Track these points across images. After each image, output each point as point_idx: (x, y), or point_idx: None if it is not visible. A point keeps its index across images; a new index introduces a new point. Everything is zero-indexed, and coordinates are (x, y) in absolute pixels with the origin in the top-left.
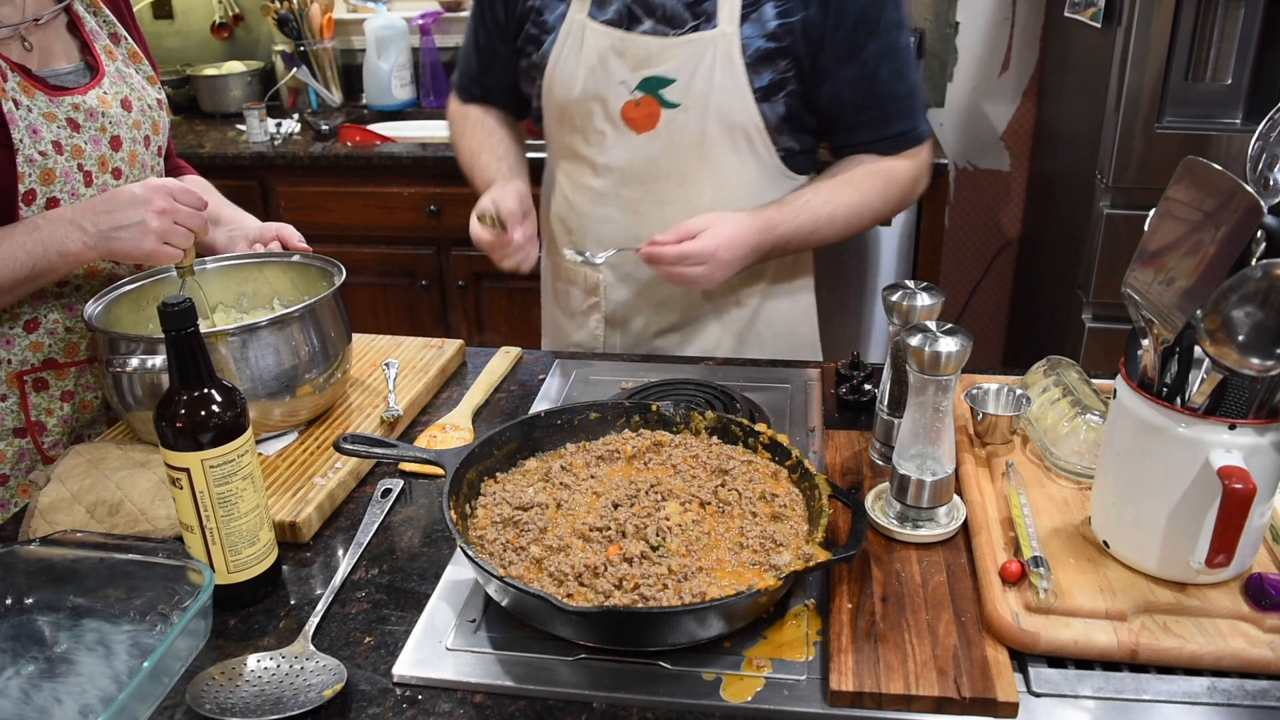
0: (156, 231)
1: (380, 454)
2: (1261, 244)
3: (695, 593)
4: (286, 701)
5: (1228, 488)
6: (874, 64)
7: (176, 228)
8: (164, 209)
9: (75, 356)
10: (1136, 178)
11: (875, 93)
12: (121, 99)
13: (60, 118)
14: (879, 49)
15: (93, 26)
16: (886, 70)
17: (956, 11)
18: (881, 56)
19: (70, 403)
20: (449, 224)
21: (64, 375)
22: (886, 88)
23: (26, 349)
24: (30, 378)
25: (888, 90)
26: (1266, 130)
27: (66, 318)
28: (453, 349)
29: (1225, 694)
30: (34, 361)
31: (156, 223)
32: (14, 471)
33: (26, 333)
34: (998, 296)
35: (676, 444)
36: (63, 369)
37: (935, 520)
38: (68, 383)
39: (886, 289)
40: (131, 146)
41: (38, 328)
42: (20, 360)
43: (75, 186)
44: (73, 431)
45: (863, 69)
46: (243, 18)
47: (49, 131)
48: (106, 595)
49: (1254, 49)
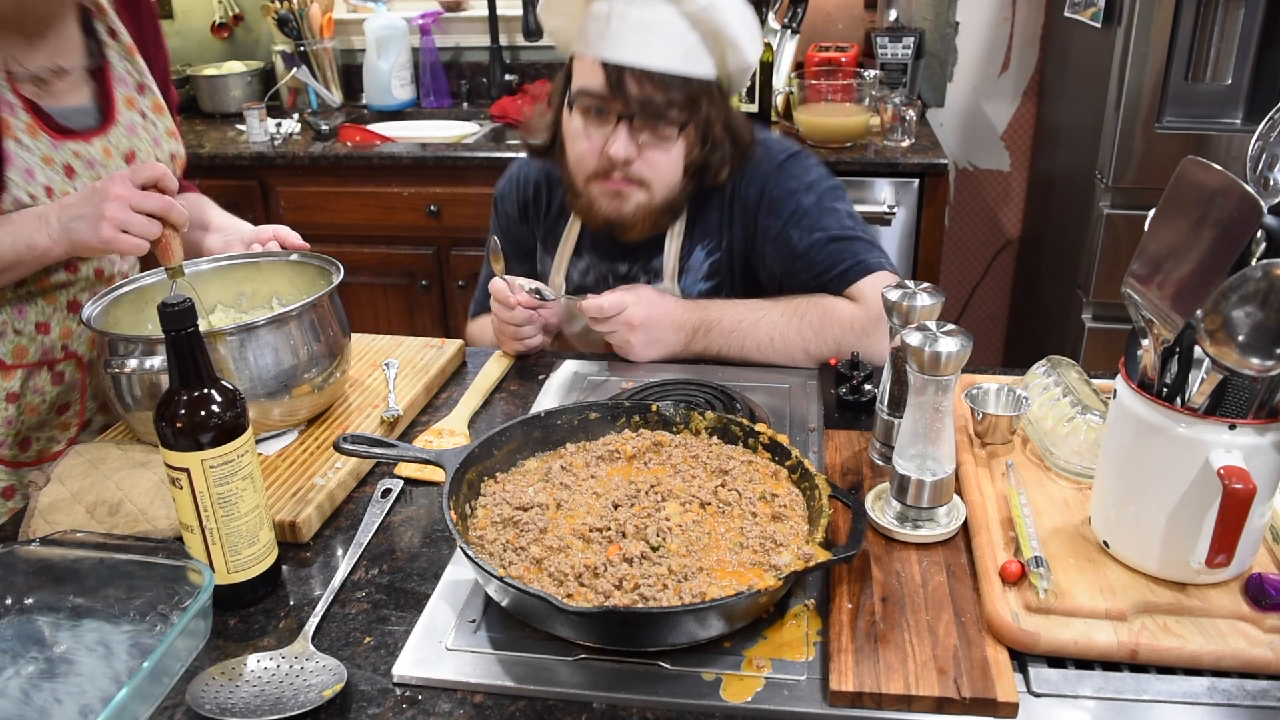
0: (111, 218)
1: (380, 454)
2: (1261, 244)
3: (695, 593)
4: (286, 701)
5: (1228, 488)
6: (784, 234)
7: (134, 215)
8: (118, 195)
9: (24, 359)
10: (1136, 178)
11: (795, 254)
12: (126, 153)
13: (58, 163)
14: (786, 218)
15: (120, 73)
16: (796, 234)
17: (956, 11)
18: (788, 224)
19: (16, 404)
20: (449, 224)
21: (10, 376)
22: (803, 245)
23: None
24: None
25: (805, 247)
26: (1266, 130)
27: (16, 319)
28: (452, 349)
29: (1225, 694)
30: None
31: (110, 209)
32: None
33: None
34: (998, 296)
35: (676, 444)
36: (9, 370)
37: (935, 520)
38: (13, 384)
39: (886, 289)
40: None
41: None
42: None
43: None
44: (19, 434)
45: (777, 244)
46: (243, 18)
47: (43, 175)
48: (106, 595)
49: (1254, 49)
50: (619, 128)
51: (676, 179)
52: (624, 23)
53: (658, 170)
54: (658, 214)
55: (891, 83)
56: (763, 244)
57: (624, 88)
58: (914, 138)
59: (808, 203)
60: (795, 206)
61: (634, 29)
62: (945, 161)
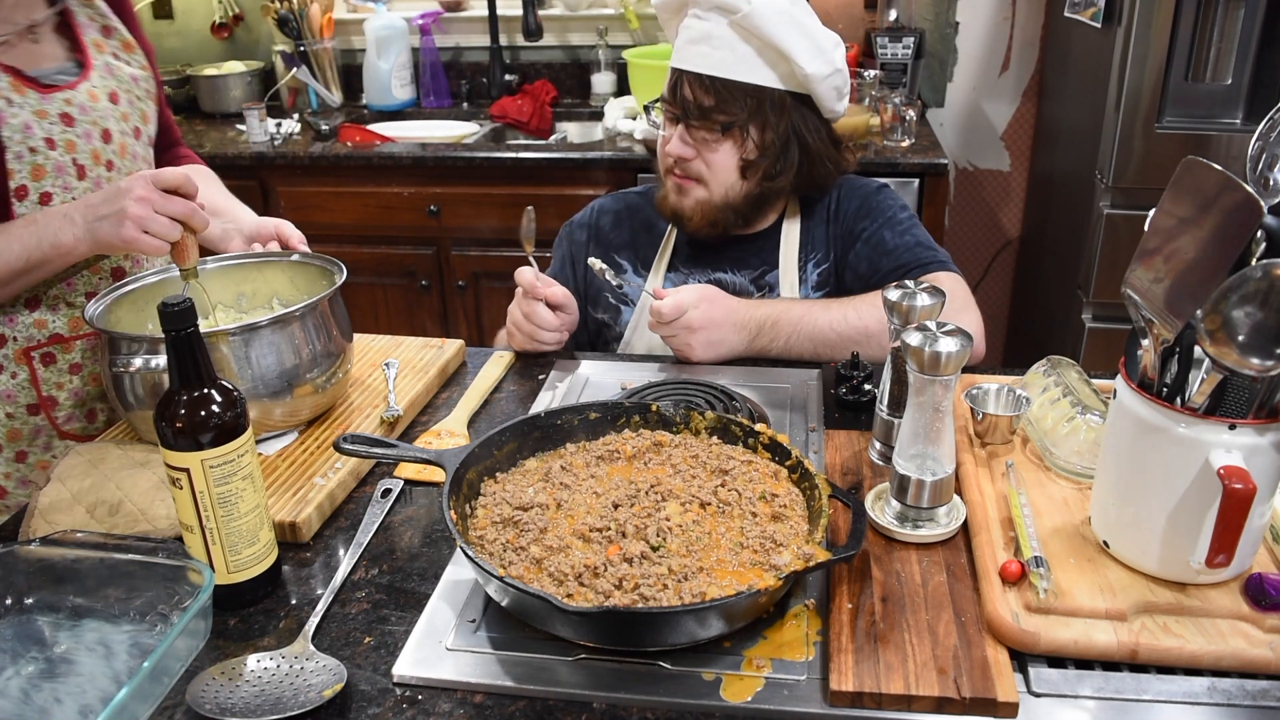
0: (134, 218)
1: (380, 454)
2: (1261, 244)
3: (695, 593)
4: (286, 701)
5: (1228, 488)
6: (879, 234)
7: (156, 216)
8: (142, 196)
9: (80, 330)
10: (1136, 178)
11: (885, 250)
12: (109, 92)
13: (53, 114)
14: (883, 222)
15: (83, 20)
16: (889, 234)
17: (956, 11)
18: (883, 227)
19: (79, 375)
20: (449, 224)
21: (70, 349)
22: (893, 243)
23: (31, 326)
24: (37, 353)
25: (894, 245)
26: (1266, 130)
27: (66, 292)
28: (453, 349)
29: (1225, 694)
30: (40, 338)
31: (134, 209)
32: (31, 448)
33: (29, 310)
34: (998, 296)
35: (676, 444)
36: (68, 343)
37: (935, 520)
38: (74, 356)
39: (886, 289)
40: (122, 139)
41: (39, 305)
42: (26, 337)
43: (68, 180)
44: (84, 404)
45: (870, 244)
46: (243, 18)
47: (41, 128)
48: (106, 595)
49: (1254, 49)
50: (676, 128)
51: (732, 178)
52: (687, 34)
53: (712, 169)
54: (716, 210)
55: (891, 83)
56: (856, 244)
57: (679, 92)
58: (914, 138)
59: (903, 215)
60: (891, 215)
61: (693, 40)
62: (945, 161)
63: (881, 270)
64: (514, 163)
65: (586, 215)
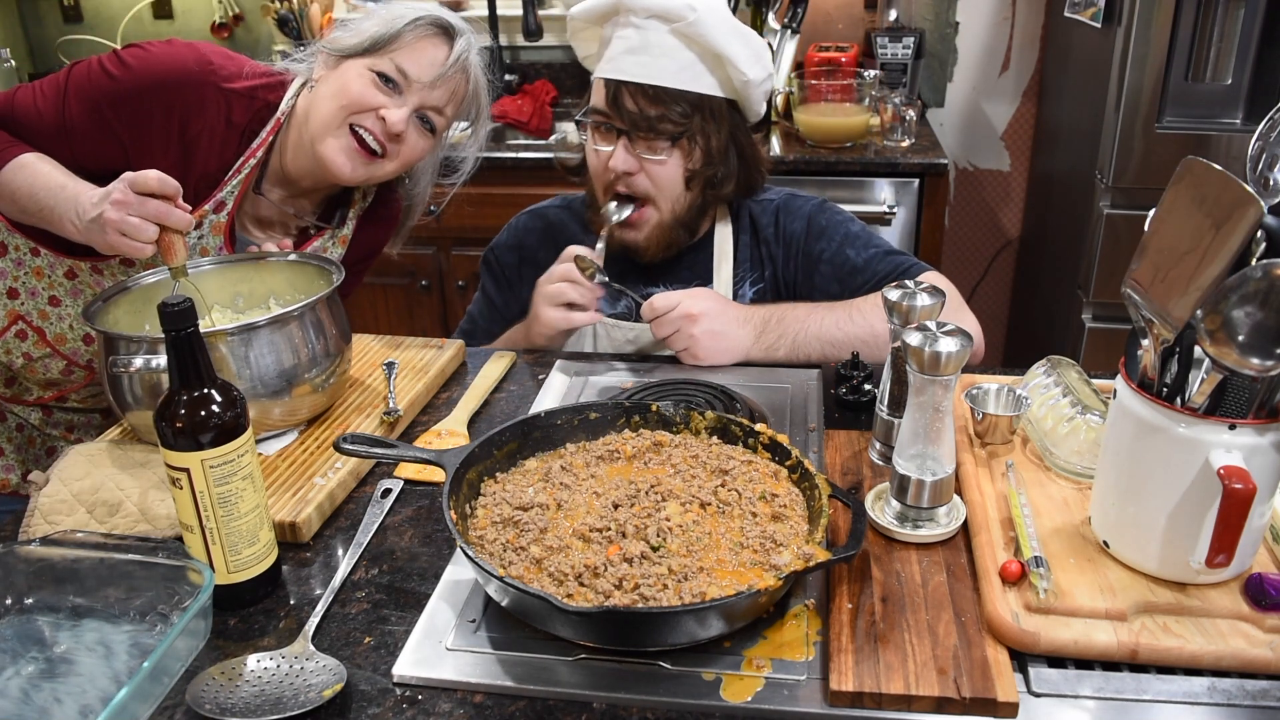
0: (109, 222)
1: (380, 454)
2: (1261, 244)
3: (695, 593)
4: (286, 701)
5: (1228, 488)
6: (840, 253)
7: (130, 219)
8: (117, 200)
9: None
10: (1136, 178)
11: (855, 268)
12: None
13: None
14: (840, 240)
15: (315, 247)
16: (852, 252)
17: (956, 11)
18: (843, 245)
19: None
20: (449, 224)
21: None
22: (861, 259)
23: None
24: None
25: (864, 261)
26: (1266, 130)
27: (91, 280)
28: (453, 349)
29: (1225, 694)
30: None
31: (110, 213)
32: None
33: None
34: (998, 296)
35: (676, 444)
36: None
37: (935, 520)
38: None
39: (886, 289)
40: None
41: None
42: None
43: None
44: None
45: (833, 264)
46: (243, 18)
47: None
48: (106, 595)
49: (1254, 49)
50: (619, 142)
51: (679, 190)
52: (623, 44)
53: (657, 183)
54: (668, 231)
55: (891, 83)
56: (818, 265)
57: (620, 103)
58: (914, 138)
59: (855, 229)
60: (846, 232)
61: (631, 49)
62: (945, 161)
63: (853, 287)
64: (514, 163)
65: (509, 237)
